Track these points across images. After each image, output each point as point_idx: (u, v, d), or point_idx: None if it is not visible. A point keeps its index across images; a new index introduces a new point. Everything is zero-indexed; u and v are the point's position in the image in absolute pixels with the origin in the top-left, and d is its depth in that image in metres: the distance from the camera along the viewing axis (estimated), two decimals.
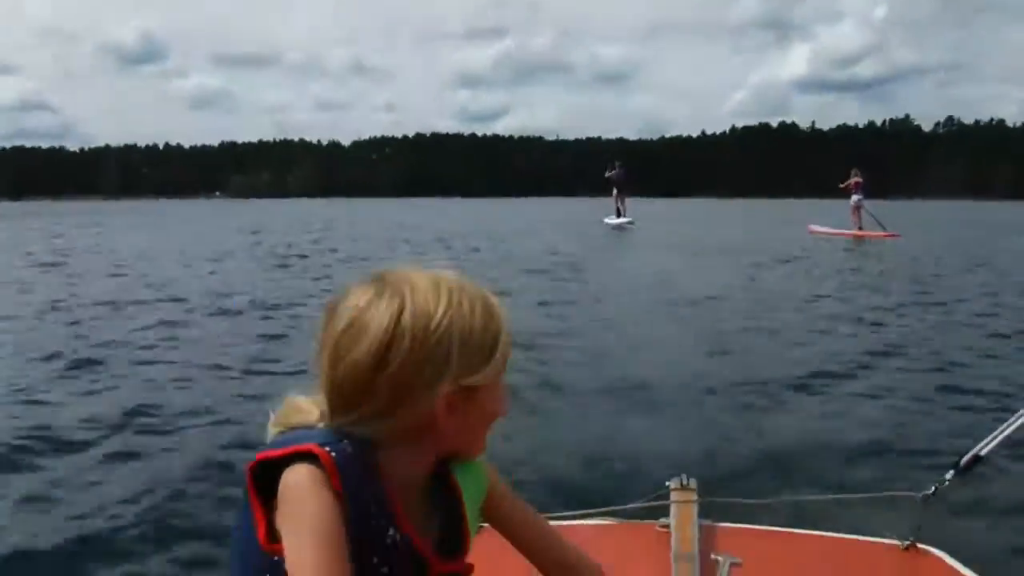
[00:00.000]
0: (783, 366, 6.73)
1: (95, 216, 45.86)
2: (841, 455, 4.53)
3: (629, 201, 28.47)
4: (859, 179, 22.33)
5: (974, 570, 1.79)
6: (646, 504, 2.09)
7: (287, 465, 0.94)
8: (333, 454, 0.94)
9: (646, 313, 9.58)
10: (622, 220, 26.82)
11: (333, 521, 0.92)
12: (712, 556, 1.73)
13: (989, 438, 1.98)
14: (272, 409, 1.06)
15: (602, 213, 29.04)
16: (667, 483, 2.06)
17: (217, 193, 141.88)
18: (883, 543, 1.95)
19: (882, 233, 20.73)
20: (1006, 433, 1.96)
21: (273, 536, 0.95)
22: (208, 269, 14.49)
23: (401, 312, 0.95)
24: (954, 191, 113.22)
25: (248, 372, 6.37)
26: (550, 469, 4.20)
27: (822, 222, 23.84)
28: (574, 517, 2.12)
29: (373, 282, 1.00)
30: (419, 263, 1.03)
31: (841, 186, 22.98)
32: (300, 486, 0.93)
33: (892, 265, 15.01)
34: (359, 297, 0.98)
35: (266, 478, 0.96)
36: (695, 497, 1.97)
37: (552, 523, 1.43)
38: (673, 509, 1.95)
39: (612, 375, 6.37)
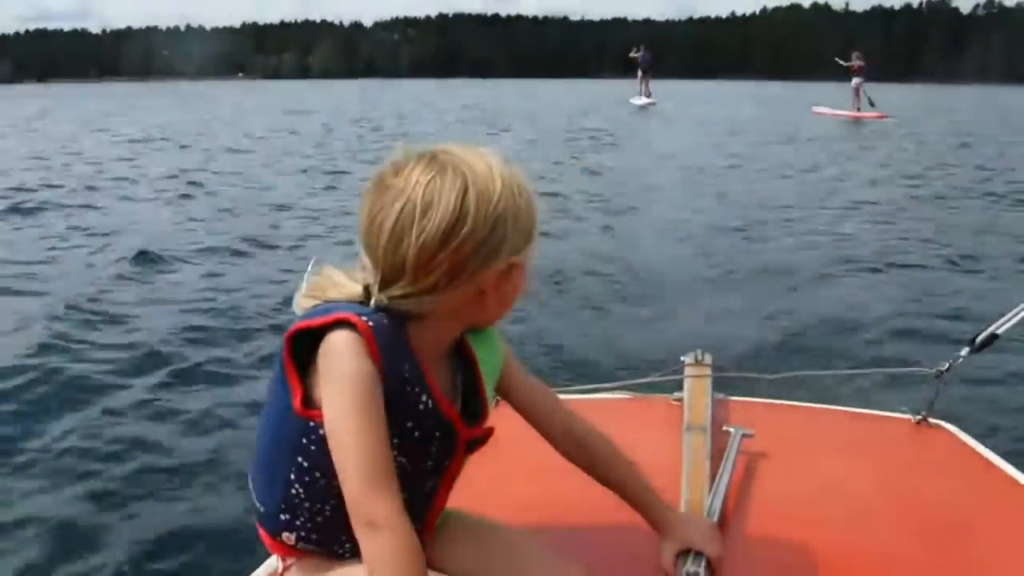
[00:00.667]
0: (791, 248, 6.98)
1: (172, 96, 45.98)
2: (857, 333, 4.62)
3: (654, 83, 30.21)
4: (861, 63, 23.58)
5: (986, 445, 1.78)
6: (660, 378, 2.09)
7: (324, 335, 0.99)
8: (371, 323, 0.99)
9: (664, 187, 10.73)
10: (646, 100, 28.73)
11: (372, 382, 0.98)
12: (724, 428, 1.72)
13: (1007, 316, 1.95)
14: (302, 279, 1.07)
15: (630, 94, 30.59)
16: (682, 358, 2.04)
17: (240, 75, 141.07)
18: (895, 417, 1.94)
19: (874, 114, 22.39)
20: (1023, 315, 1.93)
21: (308, 403, 1.01)
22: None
23: (466, 192, 0.98)
24: (992, 77, 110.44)
25: None
26: (567, 347, 4.29)
27: (830, 104, 25.17)
28: (588, 392, 2.14)
29: (429, 160, 1.00)
30: (461, 141, 1.04)
31: (844, 64, 24.21)
32: (341, 348, 0.98)
33: (876, 143, 16.68)
34: (419, 174, 0.99)
35: (302, 347, 1.01)
36: (709, 371, 1.96)
37: (565, 397, 1.50)
38: (687, 383, 1.93)
39: (629, 255, 6.65)
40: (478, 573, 1.16)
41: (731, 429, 1.69)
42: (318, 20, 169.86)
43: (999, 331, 1.94)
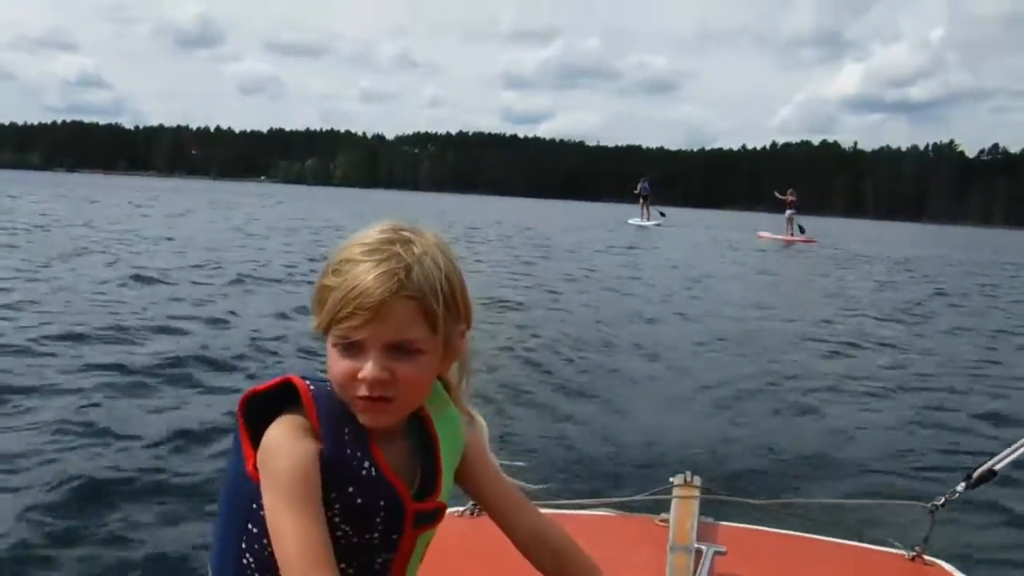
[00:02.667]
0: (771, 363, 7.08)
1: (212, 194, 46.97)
2: (851, 462, 4.55)
3: (663, 207, 36.38)
4: (793, 198, 28.71)
5: None
6: (648, 497, 2.07)
7: (273, 398, 1.06)
8: (312, 388, 1.05)
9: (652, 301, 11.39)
10: (646, 222, 33.87)
11: (306, 474, 1.01)
12: (696, 545, 1.69)
13: (1004, 453, 1.92)
14: None
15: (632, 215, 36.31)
16: (671, 479, 2.03)
17: (263, 177, 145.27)
18: (888, 552, 1.90)
19: (801, 239, 28.19)
20: (1022, 451, 1.91)
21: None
22: None
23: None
24: (995, 220, 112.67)
25: None
26: (556, 458, 4.24)
27: (778, 231, 30.33)
28: (573, 507, 2.13)
29: (391, 230, 1.08)
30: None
31: (780, 197, 29.27)
32: (277, 444, 1.02)
33: (798, 260, 21.29)
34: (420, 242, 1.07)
35: (258, 412, 1.07)
36: (697, 494, 1.94)
37: (548, 511, 1.50)
38: (674, 504, 1.90)
39: (621, 363, 6.75)
40: None
41: (703, 547, 1.68)
42: (342, 131, 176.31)
43: (996, 467, 1.91)
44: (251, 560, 1.08)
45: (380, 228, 1.08)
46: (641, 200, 34.45)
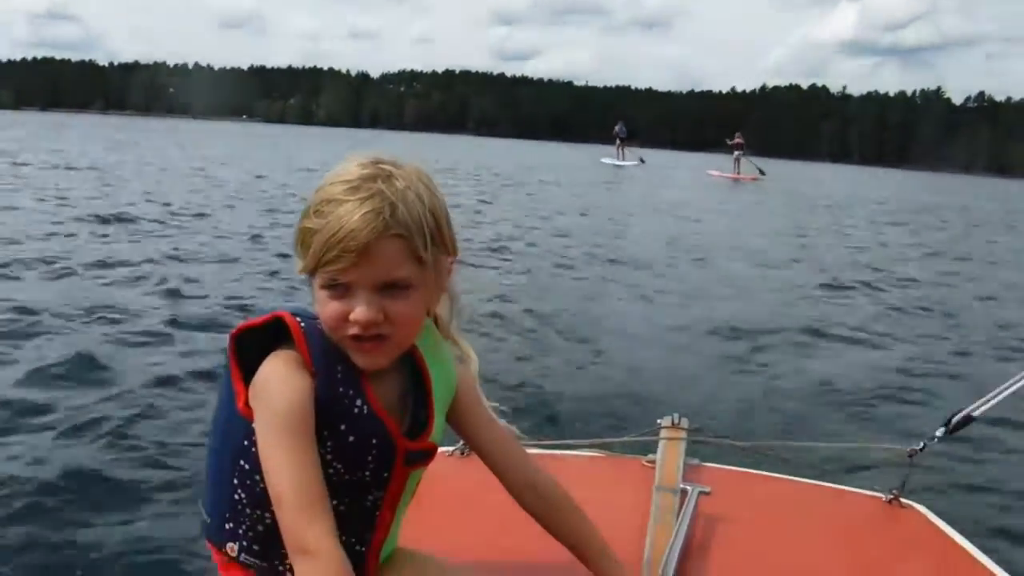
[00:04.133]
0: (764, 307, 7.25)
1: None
2: (834, 407, 4.63)
3: (642, 152, 40.20)
4: (740, 140, 32.99)
5: (956, 528, 1.77)
6: (636, 439, 2.11)
7: (264, 335, 1.06)
8: (303, 324, 1.05)
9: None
10: (622, 162, 36.67)
11: (303, 407, 1.02)
12: (681, 485, 1.73)
13: (983, 399, 1.94)
14: None
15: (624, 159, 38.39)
16: (659, 421, 2.07)
17: (244, 116, 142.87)
18: (866, 495, 1.94)
19: (748, 176, 32.12)
20: (1001, 396, 1.93)
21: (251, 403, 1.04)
22: None
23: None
24: (977, 168, 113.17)
25: None
26: (545, 400, 4.26)
27: (727, 170, 33.72)
28: (562, 447, 2.16)
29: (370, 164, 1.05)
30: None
31: (729, 142, 33.60)
32: (271, 380, 1.03)
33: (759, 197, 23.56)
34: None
35: (250, 348, 1.07)
36: (684, 435, 1.98)
37: (538, 452, 1.51)
38: (661, 445, 1.94)
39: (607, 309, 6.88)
40: None
41: (688, 487, 1.71)
42: (325, 68, 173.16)
43: (975, 413, 1.94)
44: (243, 496, 1.09)
45: (360, 163, 1.05)
46: (618, 141, 37.86)
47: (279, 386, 1.02)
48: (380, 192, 1.01)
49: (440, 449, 1.18)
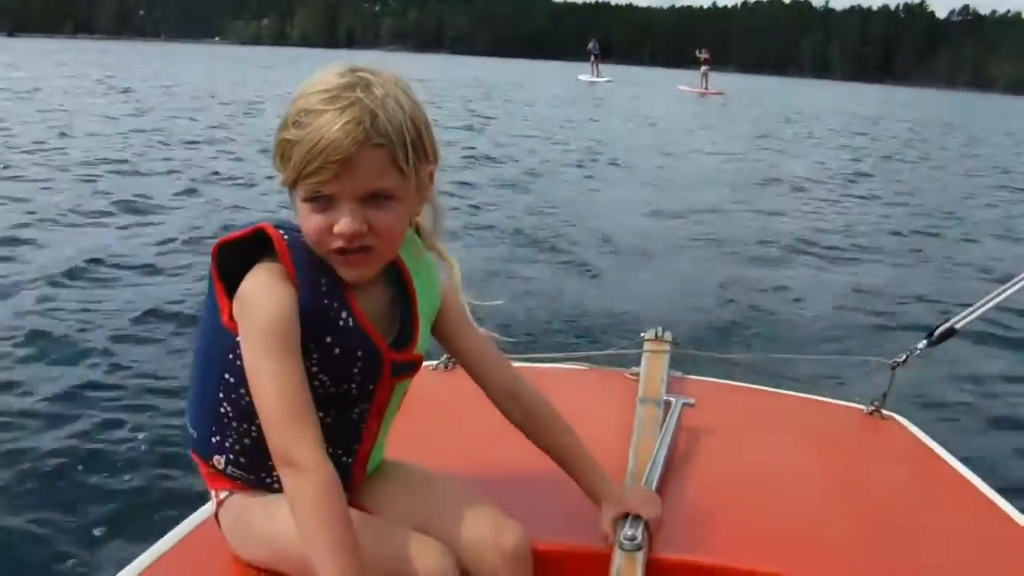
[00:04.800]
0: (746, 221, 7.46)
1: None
2: (817, 319, 4.69)
3: (616, 68, 41.97)
4: (707, 56, 35.27)
5: (935, 439, 1.78)
6: (619, 352, 2.12)
7: (247, 247, 1.05)
8: (286, 237, 1.04)
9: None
10: (597, 79, 38.57)
11: (287, 321, 1.02)
12: (665, 397, 1.72)
13: (966, 312, 1.94)
14: None
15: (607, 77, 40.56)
16: (642, 334, 2.06)
17: (217, 38, 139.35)
18: (847, 406, 1.94)
19: (715, 91, 34.32)
20: (984, 309, 1.93)
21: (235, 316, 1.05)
22: None
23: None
24: (960, 83, 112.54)
25: None
26: (526, 314, 4.27)
27: (690, 83, 37.15)
28: (545, 360, 2.14)
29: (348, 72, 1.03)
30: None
31: (697, 57, 35.89)
32: (255, 292, 1.03)
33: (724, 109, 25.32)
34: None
35: (232, 261, 1.06)
36: (668, 348, 1.98)
37: (521, 364, 1.54)
38: (644, 358, 1.94)
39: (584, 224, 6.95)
40: (415, 519, 1.15)
41: (671, 399, 1.70)
42: None
43: (957, 325, 1.93)
44: (229, 410, 1.10)
45: (338, 71, 1.03)
46: (592, 58, 40.05)
47: (263, 299, 1.02)
48: (359, 101, 0.99)
49: (424, 363, 1.21)
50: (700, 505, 1.41)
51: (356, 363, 1.09)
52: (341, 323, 1.07)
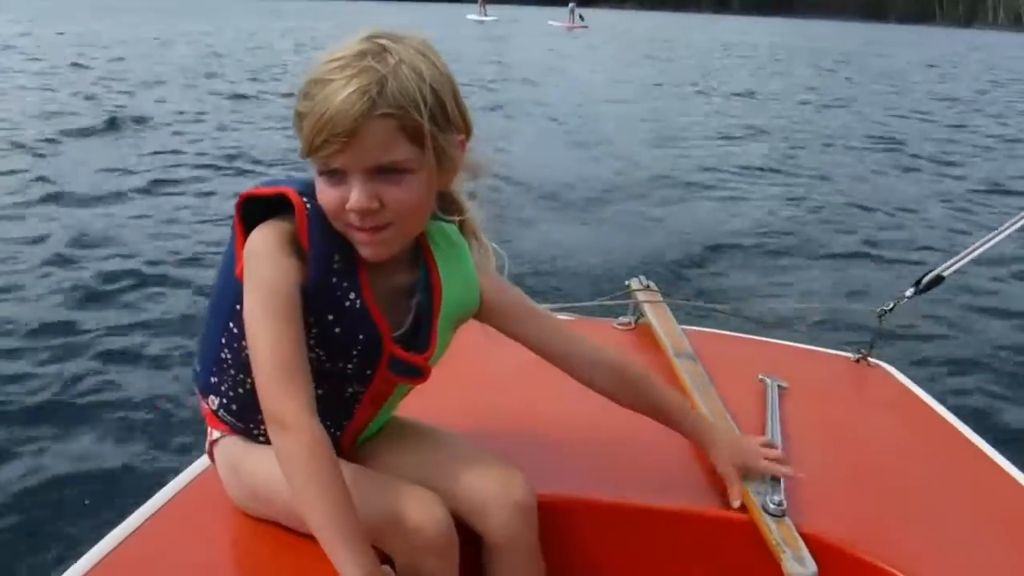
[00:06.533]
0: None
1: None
2: (804, 268, 4.63)
3: (504, 8, 48.95)
4: None
5: (922, 387, 1.78)
6: (605, 301, 2.07)
7: (271, 207, 1.02)
8: (308, 206, 1.00)
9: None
10: (484, 18, 44.00)
11: (288, 285, 1.00)
12: (759, 376, 1.69)
13: (953, 260, 1.93)
14: None
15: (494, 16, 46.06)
16: (626, 282, 2.04)
17: None
18: (834, 354, 1.94)
19: (579, 25, 41.29)
20: (971, 256, 1.92)
21: None
22: None
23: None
24: (852, 13, 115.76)
25: None
26: (513, 267, 4.43)
27: (559, 19, 43.72)
28: None
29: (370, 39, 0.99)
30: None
31: None
32: (259, 251, 1.00)
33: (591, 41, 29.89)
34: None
35: (256, 215, 1.03)
36: (660, 298, 1.97)
37: None
38: (647, 309, 1.92)
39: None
40: (420, 475, 1.14)
41: (766, 379, 1.69)
42: None
43: (945, 273, 1.93)
44: (228, 357, 1.10)
45: (359, 38, 0.99)
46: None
47: (265, 260, 1.00)
48: (369, 68, 0.94)
49: None
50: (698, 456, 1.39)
51: (355, 346, 1.06)
52: (348, 304, 1.04)
